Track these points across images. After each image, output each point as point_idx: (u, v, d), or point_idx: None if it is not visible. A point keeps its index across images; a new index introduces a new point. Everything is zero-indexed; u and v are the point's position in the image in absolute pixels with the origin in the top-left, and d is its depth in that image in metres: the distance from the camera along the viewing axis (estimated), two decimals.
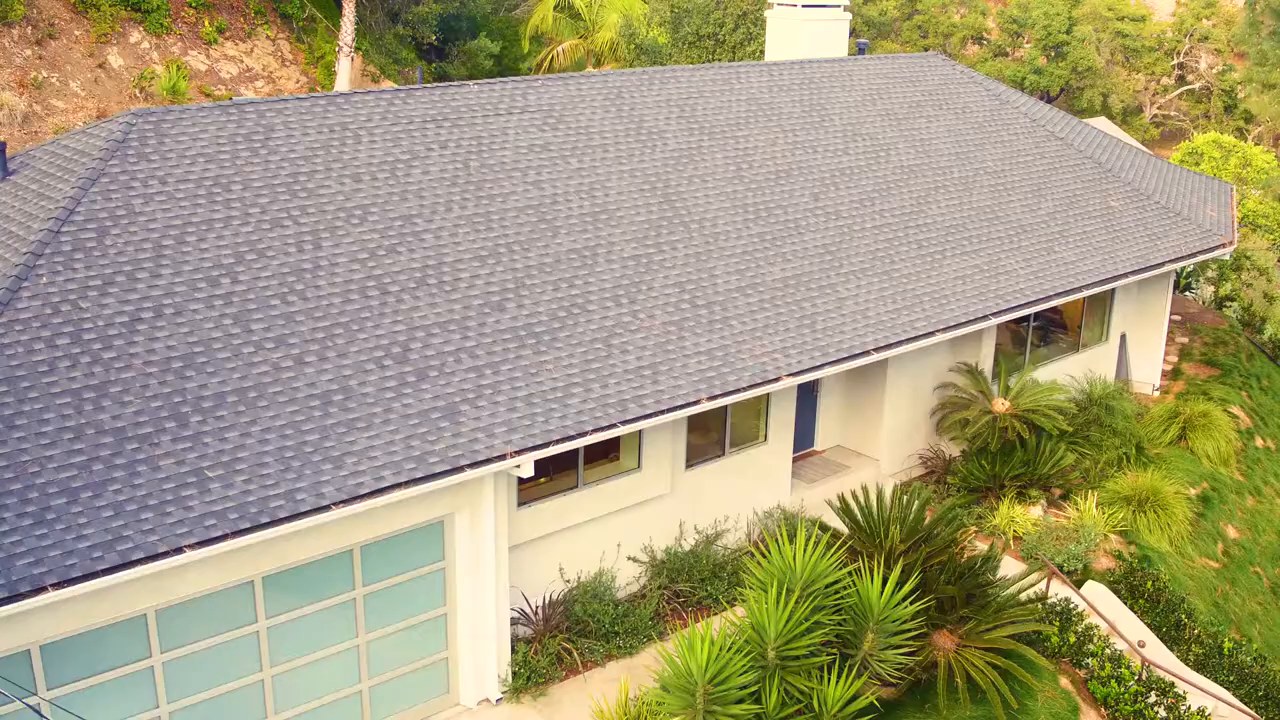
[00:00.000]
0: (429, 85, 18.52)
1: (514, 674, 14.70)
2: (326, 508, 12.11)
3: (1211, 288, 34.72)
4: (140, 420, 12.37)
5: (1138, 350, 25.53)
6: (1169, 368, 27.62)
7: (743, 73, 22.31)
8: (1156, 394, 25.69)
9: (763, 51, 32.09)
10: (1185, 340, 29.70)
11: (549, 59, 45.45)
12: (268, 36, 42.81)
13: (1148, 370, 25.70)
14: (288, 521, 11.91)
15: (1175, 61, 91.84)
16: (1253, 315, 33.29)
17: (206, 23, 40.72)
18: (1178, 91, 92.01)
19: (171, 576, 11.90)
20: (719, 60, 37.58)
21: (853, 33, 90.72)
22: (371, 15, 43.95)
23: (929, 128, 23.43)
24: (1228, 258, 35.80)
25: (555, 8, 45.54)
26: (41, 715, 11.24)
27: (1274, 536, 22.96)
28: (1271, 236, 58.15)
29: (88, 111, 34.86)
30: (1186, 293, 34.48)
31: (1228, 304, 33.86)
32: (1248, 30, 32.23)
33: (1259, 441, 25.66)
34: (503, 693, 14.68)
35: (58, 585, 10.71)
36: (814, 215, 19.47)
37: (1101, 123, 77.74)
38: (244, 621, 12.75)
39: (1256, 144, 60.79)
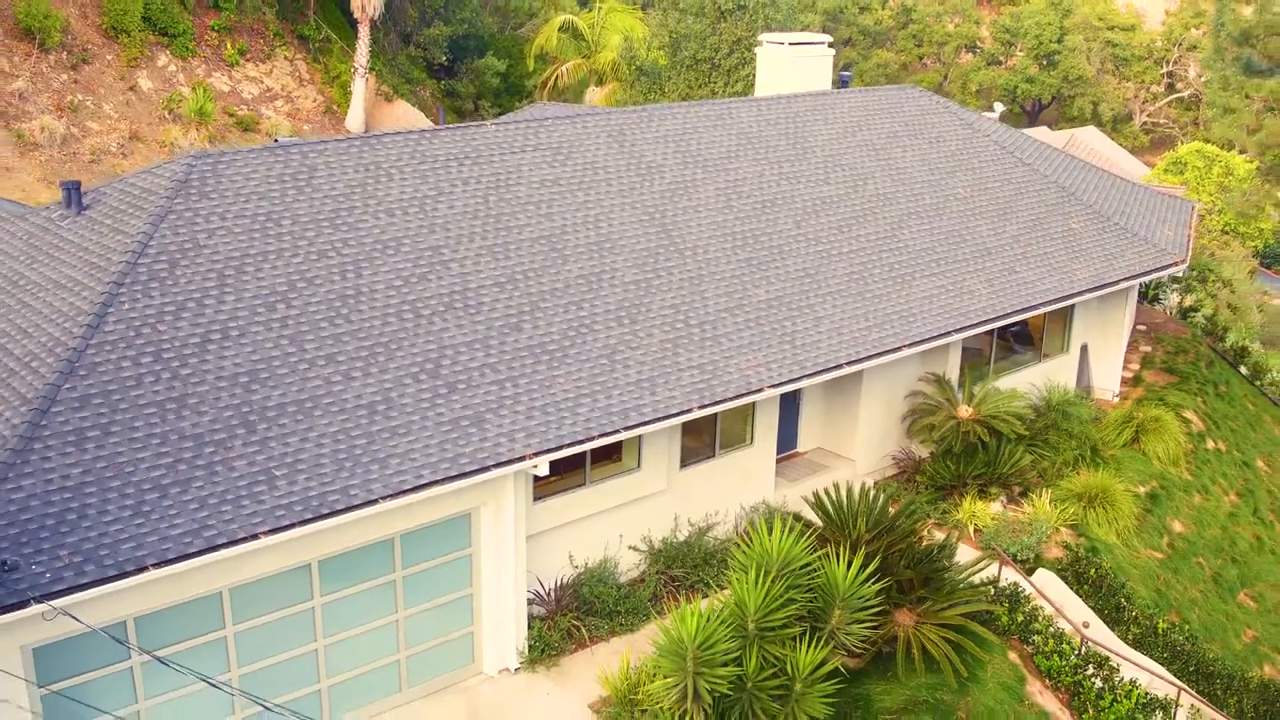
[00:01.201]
0: (451, 126, 20.73)
1: (530, 647, 16.91)
2: (375, 501, 14.32)
3: (1178, 298, 36.84)
4: (215, 427, 14.57)
5: (1099, 359, 27.72)
6: (1131, 375, 29.79)
7: (734, 108, 24.52)
8: (1116, 400, 27.87)
9: (755, 76, 34.27)
10: (1149, 349, 31.86)
11: (553, 78, 47.62)
12: (286, 58, 45.04)
13: (1108, 378, 27.89)
14: (343, 513, 14.12)
15: (1165, 70, 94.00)
16: (1215, 324, 35.44)
17: (229, 45, 42.98)
18: (1167, 99, 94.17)
19: (244, 560, 14.10)
20: (715, 82, 39.77)
21: (848, 42, 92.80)
22: (385, 37, 46.20)
23: (904, 157, 25.62)
24: (1192, 271, 38.07)
25: (559, 29, 47.73)
26: (179, 669, 13.44)
27: (1218, 531, 25.15)
28: (1254, 243, 60.42)
29: (120, 133, 37.08)
30: (1155, 303, 36.58)
31: (1192, 314, 36.00)
32: (1213, 56, 34.37)
33: (1210, 444, 27.85)
34: (520, 663, 16.88)
35: (157, 565, 12.91)
36: (796, 241, 21.68)
37: (1089, 131, 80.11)
38: (302, 599, 14.94)
39: (1242, 153, 62.92)
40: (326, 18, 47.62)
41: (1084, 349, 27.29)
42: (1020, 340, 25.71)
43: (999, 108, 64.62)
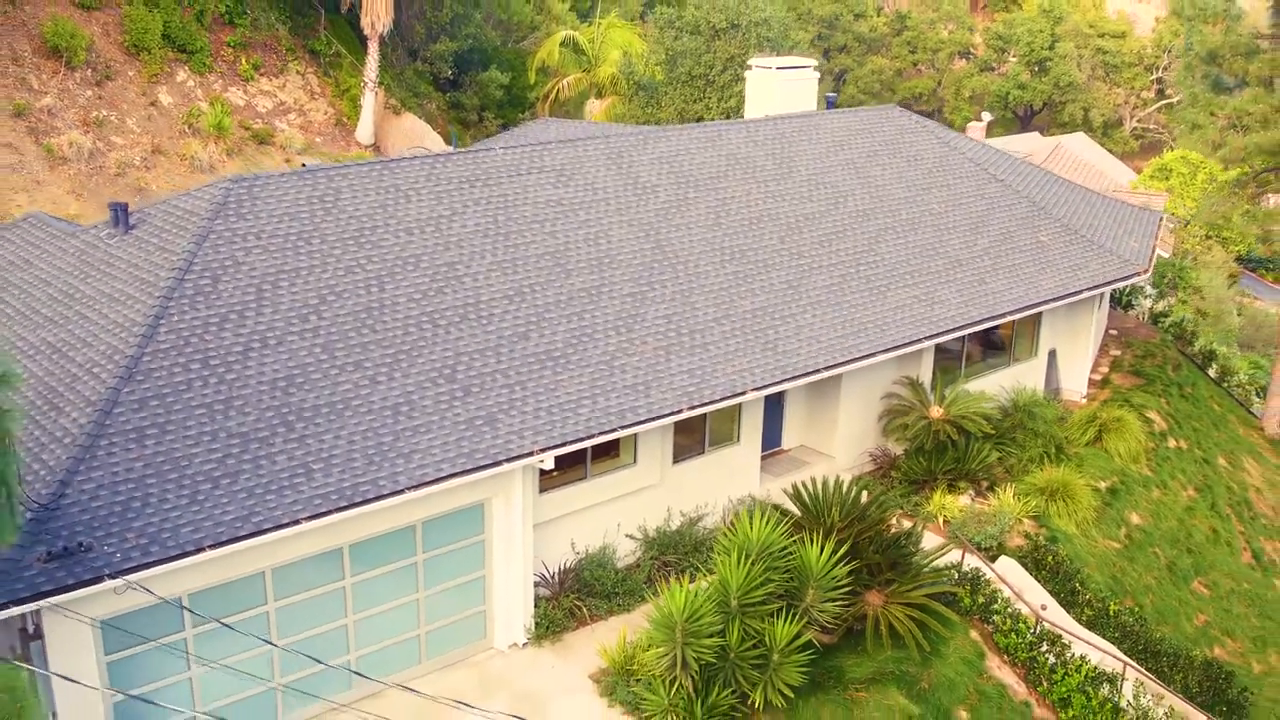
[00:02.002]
0: (463, 150, 22.56)
1: (536, 624, 18.76)
2: (401, 491, 16.16)
3: (1150, 303, 38.68)
4: (259, 426, 16.43)
5: (1067, 363, 29.57)
6: (1100, 377, 31.64)
7: (724, 130, 26.37)
8: (1084, 401, 29.71)
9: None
10: (1118, 353, 33.72)
11: (555, 90, 49.46)
12: (298, 72, 46.87)
13: (1076, 380, 29.74)
14: (373, 501, 15.97)
15: (1154, 76, 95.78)
16: (1185, 329, 37.31)
17: (244, 61, 44.80)
18: (1157, 105, 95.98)
19: (285, 543, 15.93)
20: (709, 98, 41.61)
21: (844, 48, 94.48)
22: (393, 53, 48.00)
23: (883, 175, 27.48)
24: (1164, 278, 39.94)
25: (561, 44, 49.56)
26: (247, 634, 15.27)
27: (1175, 523, 27.00)
28: (1237, 248, 62.19)
29: (143, 147, 38.92)
30: (1128, 309, 38.42)
31: (1162, 319, 37.84)
32: (1184, 73, 36.26)
33: (1171, 442, 29.70)
34: (528, 639, 18.74)
35: (212, 546, 14.76)
36: (780, 256, 23.54)
37: (1078, 138, 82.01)
38: (335, 579, 16.79)
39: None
40: (336, 33, 49.41)
41: (1052, 353, 29.13)
42: (992, 345, 27.56)
43: (986, 117, 66.50)
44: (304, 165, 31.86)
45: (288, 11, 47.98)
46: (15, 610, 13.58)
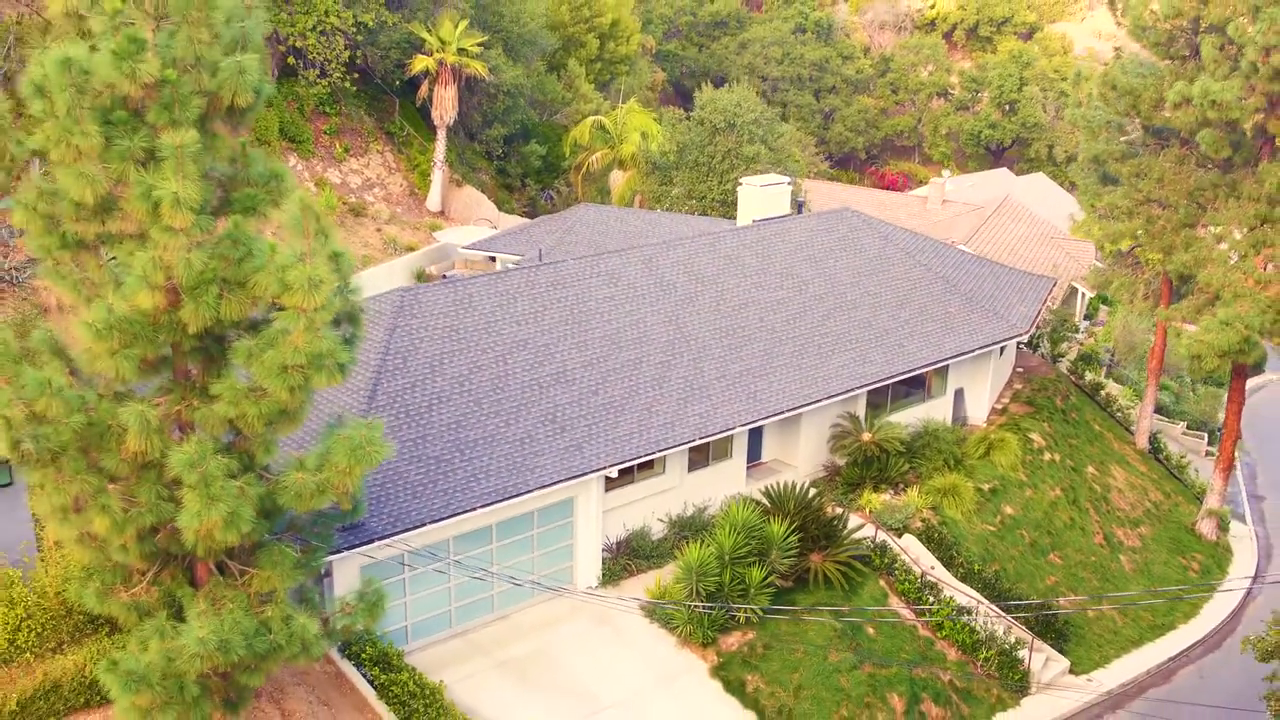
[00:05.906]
0: (548, 262, 33.68)
1: (603, 574, 29.87)
2: (529, 491, 27.27)
3: (1049, 345, 49.74)
4: (442, 453, 27.52)
5: (972, 398, 40.66)
6: (1001, 407, 42.70)
7: (722, 237, 37.50)
8: (984, 426, 40.76)
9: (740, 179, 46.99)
10: (1019, 387, 44.78)
11: (585, 164, 60.56)
12: (377, 151, 58.06)
13: (979, 411, 40.84)
14: (512, 498, 27.04)
15: None
16: (1076, 366, 48.40)
17: (337, 146, 55.97)
18: None
19: (463, 522, 26.99)
20: (710, 181, 52.71)
21: (833, 89, 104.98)
22: (454, 136, 59.15)
23: (835, 265, 38.59)
24: (1063, 323, 50.92)
25: (591, 125, 60.64)
26: (482, 572, 26.37)
27: (1040, 514, 38.07)
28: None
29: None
30: (1035, 350, 49.45)
31: (1059, 359, 48.92)
32: (1081, 166, 46.96)
33: (1047, 456, 40.78)
34: (597, 583, 29.83)
35: (431, 522, 25.85)
36: (759, 331, 34.66)
37: (1037, 179, 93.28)
38: (486, 544, 27.89)
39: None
40: (405, 116, 60.57)
41: (959, 391, 40.23)
42: (912, 387, 38.65)
43: (946, 174, 77.68)
44: (444, 276, 42.81)
45: (367, 100, 59.13)
46: (329, 559, 24.66)
